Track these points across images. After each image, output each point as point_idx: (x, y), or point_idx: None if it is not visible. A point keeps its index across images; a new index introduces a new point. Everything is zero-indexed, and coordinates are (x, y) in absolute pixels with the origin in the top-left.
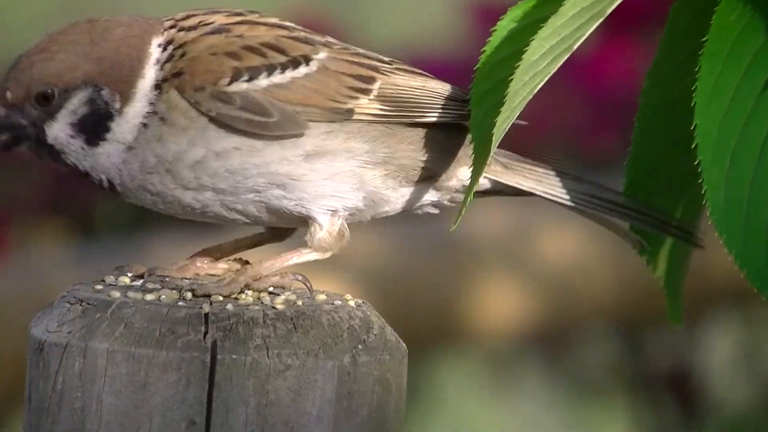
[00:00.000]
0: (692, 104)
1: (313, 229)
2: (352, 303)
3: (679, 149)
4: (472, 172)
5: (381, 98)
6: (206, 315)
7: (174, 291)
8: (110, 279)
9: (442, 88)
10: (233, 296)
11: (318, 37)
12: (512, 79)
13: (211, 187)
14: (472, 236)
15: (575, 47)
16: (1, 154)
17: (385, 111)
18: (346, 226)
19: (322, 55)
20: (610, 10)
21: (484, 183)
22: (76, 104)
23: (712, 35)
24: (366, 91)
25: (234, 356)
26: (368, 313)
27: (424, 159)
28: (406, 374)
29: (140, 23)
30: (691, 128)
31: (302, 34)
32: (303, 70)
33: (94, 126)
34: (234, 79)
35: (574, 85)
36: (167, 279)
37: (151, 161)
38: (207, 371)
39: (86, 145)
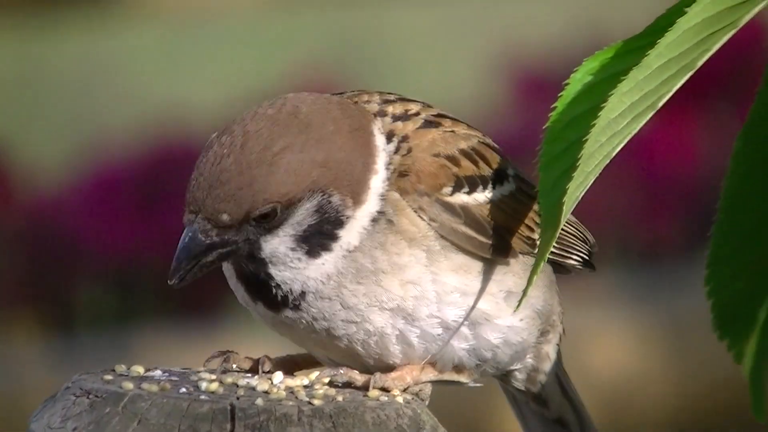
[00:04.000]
0: None
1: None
2: (400, 399)
3: None
4: (539, 246)
5: None
6: (232, 410)
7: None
8: (121, 368)
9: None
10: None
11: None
12: (587, 140)
13: (408, 312)
14: None
15: (660, 105)
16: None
17: (554, 248)
18: None
19: (512, 171)
20: (701, 62)
21: None
22: (301, 217)
23: None
24: None
25: None
26: (418, 411)
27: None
28: None
29: (348, 107)
30: None
31: (489, 139)
32: (507, 187)
33: (320, 236)
34: (456, 189)
35: (627, 165)
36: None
37: (367, 269)
38: None
39: (305, 257)
